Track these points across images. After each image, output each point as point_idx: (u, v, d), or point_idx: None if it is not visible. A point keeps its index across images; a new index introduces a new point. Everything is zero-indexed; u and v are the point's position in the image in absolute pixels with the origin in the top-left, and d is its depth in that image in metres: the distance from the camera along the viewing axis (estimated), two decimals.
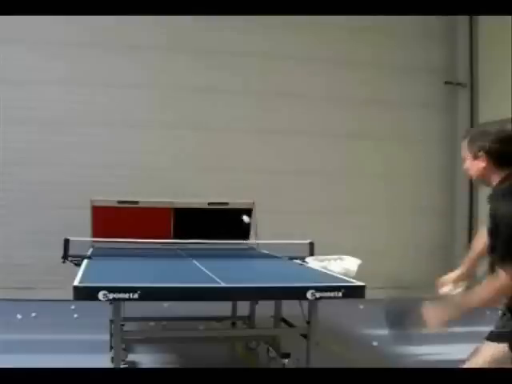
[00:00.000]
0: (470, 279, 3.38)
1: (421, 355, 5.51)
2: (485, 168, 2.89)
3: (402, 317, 2.94)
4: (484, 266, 3.05)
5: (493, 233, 2.78)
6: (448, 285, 3.38)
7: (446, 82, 9.49)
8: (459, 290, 3.33)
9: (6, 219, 8.02)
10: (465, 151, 2.99)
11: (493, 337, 2.89)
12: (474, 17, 9.31)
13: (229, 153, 8.72)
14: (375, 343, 5.99)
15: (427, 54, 9.41)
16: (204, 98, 8.65)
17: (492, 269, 2.80)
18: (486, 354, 2.89)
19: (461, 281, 3.38)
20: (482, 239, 3.31)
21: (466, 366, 2.96)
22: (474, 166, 2.94)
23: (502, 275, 2.66)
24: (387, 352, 5.75)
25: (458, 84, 9.45)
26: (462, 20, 9.39)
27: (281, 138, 8.87)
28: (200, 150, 8.63)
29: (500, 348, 2.85)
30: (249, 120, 8.80)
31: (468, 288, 3.27)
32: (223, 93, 8.69)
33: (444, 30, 9.53)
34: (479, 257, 3.37)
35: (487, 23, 9.01)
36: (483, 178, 2.96)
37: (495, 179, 2.90)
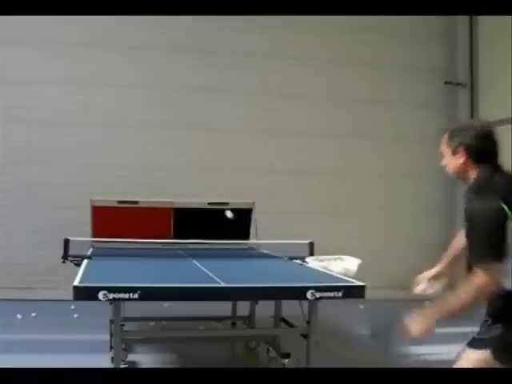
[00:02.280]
0: (446, 278, 3.35)
1: (421, 355, 5.52)
2: (463, 164, 2.87)
3: (387, 329, 2.97)
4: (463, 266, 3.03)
5: (468, 232, 2.75)
6: (424, 283, 3.36)
7: (446, 82, 9.49)
8: (435, 288, 3.31)
9: (6, 219, 8.02)
10: (444, 147, 2.98)
11: (475, 343, 2.85)
12: (474, 17, 9.31)
13: (229, 153, 8.72)
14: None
15: (427, 54, 9.41)
16: (204, 97, 8.65)
17: (469, 269, 2.73)
18: (470, 362, 2.85)
19: (437, 279, 3.36)
20: (461, 238, 3.28)
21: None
22: (453, 161, 2.93)
23: (479, 275, 2.61)
24: (387, 352, 5.75)
25: (458, 84, 9.46)
26: (462, 20, 9.40)
27: (281, 138, 8.87)
28: (200, 150, 8.63)
29: (482, 355, 2.81)
30: (249, 120, 8.80)
31: (443, 287, 3.27)
32: (223, 93, 8.69)
33: (444, 30, 9.53)
34: (458, 256, 3.31)
35: (487, 23, 9.01)
36: (461, 175, 2.93)
37: (472, 176, 2.87)
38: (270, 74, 8.88)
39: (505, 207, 2.64)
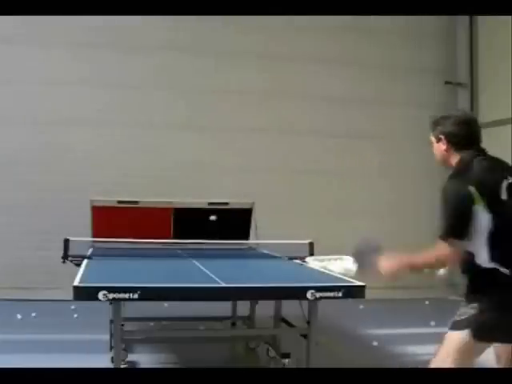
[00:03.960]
0: None
1: (421, 355, 5.52)
2: (445, 150, 3.08)
3: (365, 255, 3.34)
4: None
5: (441, 211, 3.04)
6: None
7: (446, 82, 9.49)
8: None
9: (6, 219, 8.02)
10: (431, 136, 3.19)
11: (454, 325, 2.95)
12: (474, 17, 9.31)
13: (229, 153, 8.72)
14: (375, 343, 5.99)
15: (427, 54, 9.41)
16: (204, 98, 8.65)
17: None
18: (450, 344, 2.95)
19: None
20: None
21: (433, 358, 3.00)
22: (437, 149, 3.13)
23: (441, 248, 2.94)
24: (387, 352, 5.76)
25: (458, 84, 9.46)
26: (462, 20, 9.40)
27: (281, 138, 8.87)
28: (200, 150, 8.63)
29: (460, 335, 2.91)
30: (249, 120, 8.80)
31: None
32: (223, 93, 8.69)
33: (444, 30, 9.53)
34: None
35: (487, 23, 9.01)
36: (445, 161, 3.13)
37: (453, 162, 3.07)
38: (270, 74, 8.88)
39: (473, 192, 2.86)
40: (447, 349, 2.93)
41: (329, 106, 9.06)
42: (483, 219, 2.88)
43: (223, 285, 3.79)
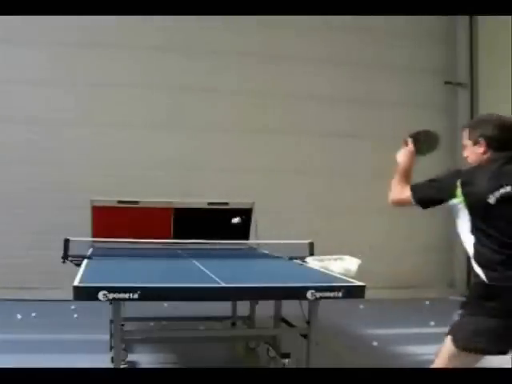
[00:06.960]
0: None
1: (421, 355, 5.52)
2: (483, 153, 3.02)
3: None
4: None
5: None
6: None
7: (446, 82, 9.49)
8: None
9: (6, 219, 8.02)
10: (465, 139, 3.14)
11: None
12: (474, 17, 9.31)
13: (229, 153, 8.72)
14: (375, 343, 5.99)
15: (427, 54, 9.41)
16: (204, 98, 8.66)
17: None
18: (442, 350, 2.98)
19: None
20: None
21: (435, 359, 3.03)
22: (473, 152, 3.08)
23: (407, 193, 3.34)
24: (387, 352, 5.76)
25: (458, 84, 9.46)
26: (462, 20, 9.40)
27: (281, 138, 8.87)
28: (200, 150, 8.63)
29: (448, 341, 2.96)
30: (249, 120, 8.80)
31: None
32: (223, 93, 8.69)
33: (444, 30, 9.53)
34: None
35: (487, 23, 9.01)
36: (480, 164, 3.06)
37: None
38: (271, 74, 8.87)
39: (457, 185, 2.91)
40: (441, 354, 2.97)
41: (330, 105, 9.06)
42: (462, 217, 2.95)
43: (223, 285, 3.79)
